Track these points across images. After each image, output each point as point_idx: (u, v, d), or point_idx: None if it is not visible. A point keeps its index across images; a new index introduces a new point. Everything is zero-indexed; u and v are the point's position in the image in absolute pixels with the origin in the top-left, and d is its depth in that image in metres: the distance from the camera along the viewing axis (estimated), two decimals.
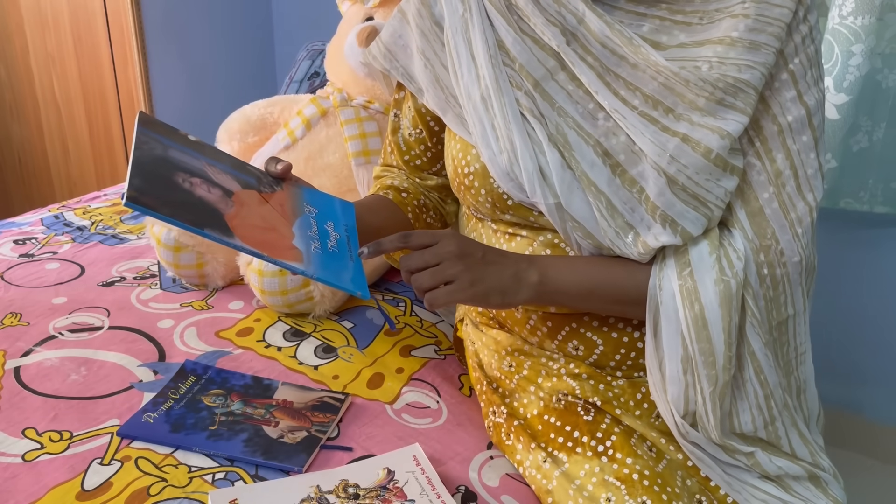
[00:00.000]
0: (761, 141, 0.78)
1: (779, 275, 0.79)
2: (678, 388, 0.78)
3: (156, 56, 2.30)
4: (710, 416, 0.78)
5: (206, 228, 0.72)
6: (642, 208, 0.79)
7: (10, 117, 2.57)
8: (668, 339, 0.77)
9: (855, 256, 1.69)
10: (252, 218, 0.78)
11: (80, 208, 1.53)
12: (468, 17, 0.86)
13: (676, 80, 0.76)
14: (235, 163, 0.83)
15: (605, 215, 0.79)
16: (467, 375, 1.03)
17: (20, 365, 0.95)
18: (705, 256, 0.77)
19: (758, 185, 0.79)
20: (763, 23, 0.75)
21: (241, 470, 0.80)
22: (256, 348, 1.02)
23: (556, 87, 0.82)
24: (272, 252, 0.75)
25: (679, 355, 0.77)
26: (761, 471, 0.81)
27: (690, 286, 0.76)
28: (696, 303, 0.76)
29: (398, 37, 0.96)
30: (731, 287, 0.76)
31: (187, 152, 0.79)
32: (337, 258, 0.81)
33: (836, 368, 1.76)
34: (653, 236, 0.78)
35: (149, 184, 0.72)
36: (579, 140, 0.80)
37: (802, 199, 0.79)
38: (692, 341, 0.76)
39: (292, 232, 0.79)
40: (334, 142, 1.36)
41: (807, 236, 0.79)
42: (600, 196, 0.79)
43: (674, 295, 0.77)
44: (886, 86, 1.47)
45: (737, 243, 0.78)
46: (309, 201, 0.86)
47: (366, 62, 1.02)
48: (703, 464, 0.81)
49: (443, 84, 0.91)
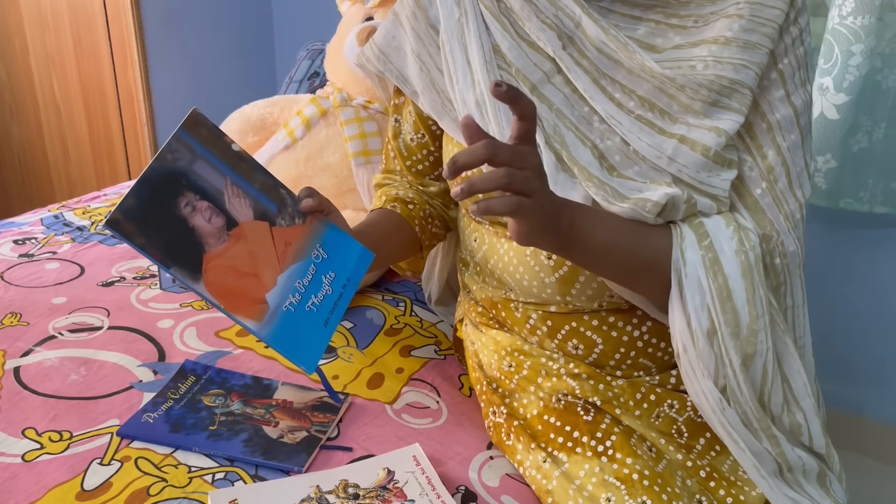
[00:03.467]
0: (751, 137, 0.79)
1: (779, 265, 0.80)
2: (710, 360, 0.77)
3: (156, 56, 2.30)
4: (743, 387, 0.76)
5: (174, 267, 0.72)
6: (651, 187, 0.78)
7: (10, 117, 2.57)
8: (696, 311, 0.76)
9: (855, 257, 1.69)
10: (237, 258, 0.76)
11: (79, 208, 1.53)
12: (464, 21, 0.86)
13: (671, 85, 0.76)
14: (268, 184, 0.81)
15: (612, 202, 0.77)
16: (467, 375, 1.03)
17: (20, 365, 0.95)
18: (723, 228, 0.76)
19: (750, 180, 0.79)
20: (757, 23, 0.76)
21: (240, 470, 0.80)
22: (256, 348, 1.02)
23: (553, 90, 0.82)
24: (232, 304, 0.75)
25: (706, 326, 0.76)
26: (784, 460, 0.79)
27: (712, 257, 0.75)
28: (719, 274, 0.74)
29: (391, 38, 0.96)
30: (750, 259, 0.75)
31: (217, 166, 0.77)
32: (307, 320, 0.79)
33: (836, 368, 1.76)
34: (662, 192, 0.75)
35: (140, 206, 0.72)
36: (577, 141, 0.80)
37: (793, 194, 0.80)
38: (717, 312, 0.75)
39: (275, 280, 0.78)
40: (334, 142, 1.36)
41: (798, 230, 0.80)
42: (604, 186, 0.78)
43: (696, 266, 0.75)
44: (886, 86, 1.47)
45: (748, 223, 0.78)
46: (324, 243, 0.83)
47: (359, 64, 1.01)
48: (736, 445, 0.78)
49: (438, 88, 0.91)
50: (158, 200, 0.73)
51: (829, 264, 1.71)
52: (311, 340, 0.78)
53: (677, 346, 0.78)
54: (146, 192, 0.73)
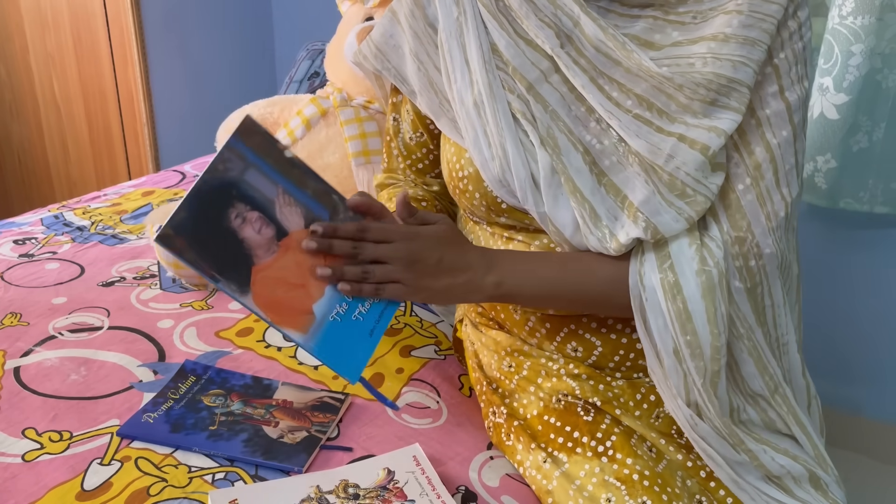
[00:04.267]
0: (739, 133, 0.78)
1: (754, 266, 0.79)
2: (678, 379, 0.78)
3: (156, 56, 2.30)
4: (709, 405, 0.78)
5: (222, 281, 0.72)
6: (624, 215, 0.79)
7: (10, 117, 2.57)
8: (659, 333, 0.78)
9: (855, 257, 1.69)
10: (286, 269, 0.76)
11: (79, 208, 1.53)
12: (463, 20, 0.86)
13: (669, 84, 0.76)
14: (320, 189, 0.79)
15: (588, 223, 0.79)
16: (467, 376, 1.03)
17: (20, 365, 0.95)
18: (685, 248, 0.77)
19: (734, 176, 0.79)
20: (756, 19, 0.76)
21: (240, 470, 0.80)
22: (256, 348, 1.02)
23: (550, 89, 0.82)
24: (280, 317, 0.74)
25: (671, 347, 0.77)
26: (765, 471, 0.80)
27: (672, 279, 0.76)
28: (678, 296, 0.76)
29: (389, 37, 0.95)
30: (713, 277, 0.76)
31: (269, 174, 0.76)
32: (353, 329, 0.78)
33: (835, 368, 1.76)
34: (625, 233, 0.79)
35: (191, 221, 0.71)
36: (569, 145, 0.80)
37: (779, 192, 0.79)
38: (677, 334, 0.76)
39: (323, 290, 0.77)
40: (334, 142, 1.36)
41: (780, 230, 0.79)
42: (584, 203, 0.79)
43: (655, 289, 0.77)
44: (886, 86, 1.47)
45: (713, 232, 0.79)
46: None
47: (356, 62, 1.01)
48: (711, 460, 0.80)
49: (436, 88, 0.90)
50: (209, 213, 0.73)
51: (829, 264, 1.71)
52: (356, 350, 0.78)
53: (647, 362, 0.81)
54: (197, 206, 0.72)
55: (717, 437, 0.79)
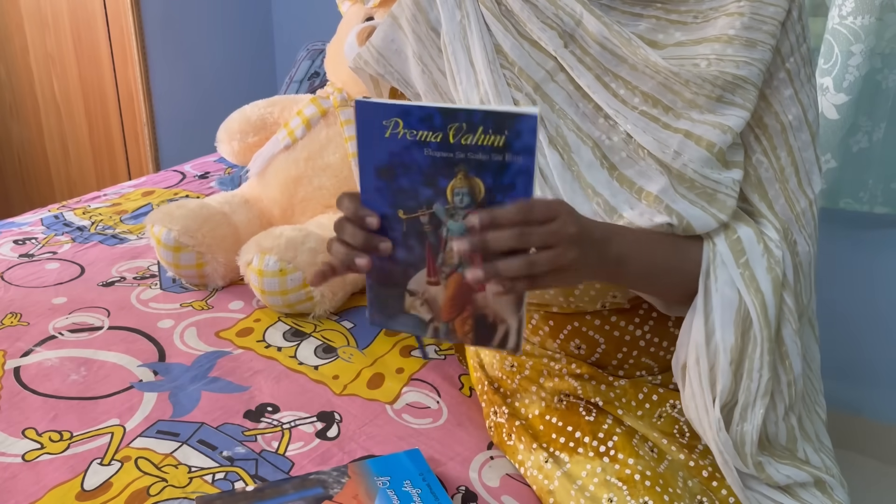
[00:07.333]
0: (766, 138, 0.80)
1: (796, 265, 0.80)
2: (727, 380, 0.76)
3: (156, 56, 2.30)
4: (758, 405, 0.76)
5: None
6: (642, 204, 0.78)
7: (10, 117, 2.57)
8: (723, 328, 0.76)
9: (855, 257, 1.69)
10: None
11: (79, 208, 1.53)
12: (466, 23, 0.86)
13: (675, 79, 0.76)
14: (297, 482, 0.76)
15: (603, 217, 0.79)
16: (467, 375, 1.03)
17: (20, 365, 0.95)
18: (754, 244, 0.76)
19: (767, 181, 0.80)
20: (758, 21, 0.77)
21: (241, 470, 0.79)
22: (256, 348, 1.02)
23: (556, 88, 0.82)
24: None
25: (730, 344, 0.76)
26: (772, 482, 0.80)
27: (749, 274, 0.75)
28: (758, 292, 0.75)
29: (391, 41, 0.95)
30: (779, 276, 0.76)
31: None
32: None
33: (835, 368, 1.76)
34: (647, 219, 0.76)
35: None
36: (578, 142, 0.80)
37: (804, 193, 0.81)
38: (760, 330, 0.75)
39: None
40: (334, 142, 1.36)
41: (809, 227, 0.81)
42: (597, 197, 0.79)
43: (729, 283, 0.75)
44: (886, 86, 1.47)
45: (771, 233, 0.79)
46: (377, 472, 0.81)
47: (356, 67, 1.01)
48: (726, 466, 0.79)
49: (441, 90, 0.90)
50: None
51: (829, 264, 1.71)
52: None
53: (689, 357, 0.78)
54: None
55: (732, 447, 0.78)
